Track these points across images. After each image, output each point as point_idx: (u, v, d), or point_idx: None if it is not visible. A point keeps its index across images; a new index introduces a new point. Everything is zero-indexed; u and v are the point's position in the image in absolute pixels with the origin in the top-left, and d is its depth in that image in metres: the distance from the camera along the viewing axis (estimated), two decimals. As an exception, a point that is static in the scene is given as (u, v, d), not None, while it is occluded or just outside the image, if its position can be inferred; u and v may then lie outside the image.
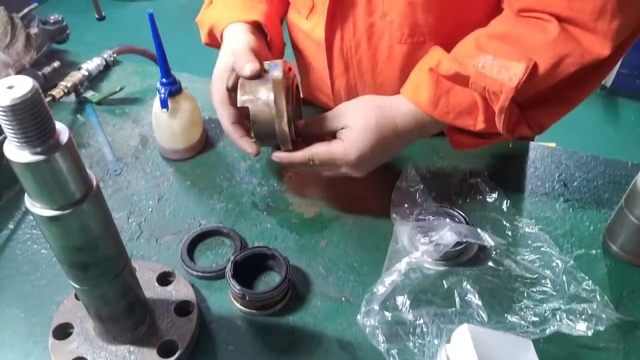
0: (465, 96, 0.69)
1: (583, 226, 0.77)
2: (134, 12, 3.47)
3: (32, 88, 0.40)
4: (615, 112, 2.64)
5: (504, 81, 0.64)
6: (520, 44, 0.66)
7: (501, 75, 0.64)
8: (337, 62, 0.86)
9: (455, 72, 0.68)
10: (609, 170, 0.85)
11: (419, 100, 0.70)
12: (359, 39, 0.81)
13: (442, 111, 0.70)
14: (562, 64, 0.64)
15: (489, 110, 0.68)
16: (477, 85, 0.66)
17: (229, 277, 0.65)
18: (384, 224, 0.76)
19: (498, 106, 0.66)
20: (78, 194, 0.46)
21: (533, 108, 0.70)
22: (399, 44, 0.79)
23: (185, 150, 0.87)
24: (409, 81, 0.73)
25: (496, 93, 0.65)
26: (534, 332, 0.63)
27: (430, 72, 0.70)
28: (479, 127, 0.70)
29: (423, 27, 0.77)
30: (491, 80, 0.65)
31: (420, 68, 0.73)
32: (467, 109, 0.69)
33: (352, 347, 0.63)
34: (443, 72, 0.69)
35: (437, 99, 0.69)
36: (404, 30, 0.77)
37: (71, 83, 0.97)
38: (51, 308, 0.66)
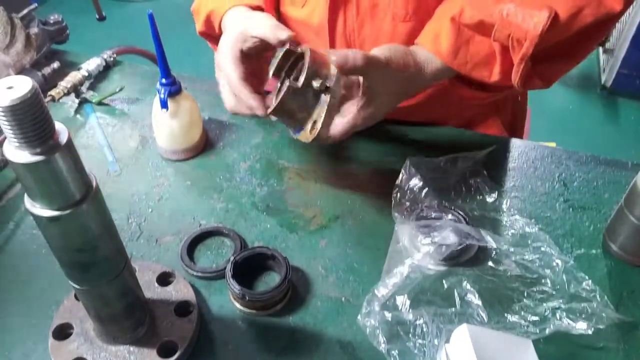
0: (484, 46, 0.69)
1: (583, 226, 0.77)
2: (134, 12, 3.47)
3: (31, 88, 0.40)
4: (615, 112, 2.64)
5: (528, 28, 0.64)
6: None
7: (526, 22, 0.65)
8: (340, 45, 0.85)
9: (479, 20, 0.67)
10: (609, 170, 0.85)
11: (440, 49, 0.70)
12: (362, 20, 0.81)
13: (461, 61, 0.70)
14: (580, 15, 0.66)
15: (505, 62, 0.69)
16: (501, 33, 0.66)
17: (229, 278, 0.65)
18: (384, 224, 0.76)
19: (521, 53, 0.66)
20: (78, 195, 0.46)
21: (544, 61, 0.71)
22: (402, 23, 0.79)
23: (185, 150, 0.87)
24: (426, 30, 0.73)
25: (520, 40, 0.66)
26: (534, 331, 0.63)
27: (452, 21, 0.69)
28: (494, 78, 0.70)
29: (428, 6, 0.77)
30: (516, 28, 0.65)
31: (440, 17, 0.72)
32: (485, 60, 0.70)
33: (352, 347, 0.63)
34: (466, 20, 0.68)
35: (457, 48, 0.69)
36: (409, 8, 0.77)
37: (71, 83, 0.97)
38: (51, 308, 0.66)
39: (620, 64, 2.54)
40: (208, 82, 1.03)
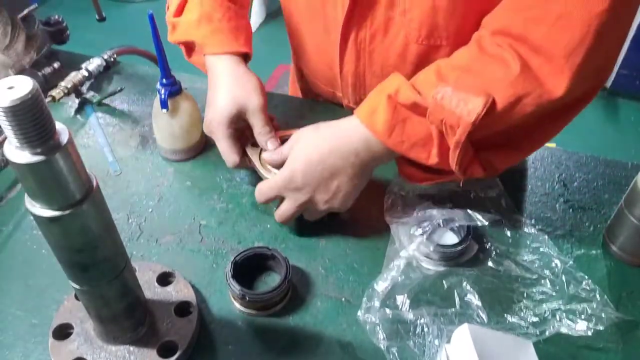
0: (422, 127, 0.66)
1: (583, 226, 0.77)
2: (134, 13, 3.47)
3: (32, 89, 0.40)
4: (615, 112, 2.64)
5: (462, 115, 0.62)
6: (481, 77, 0.64)
7: (459, 108, 0.62)
8: (350, 48, 0.85)
9: (413, 101, 0.65)
10: (608, 171, 0.85)
11: (374, 126, 0.67)
12: (375, 31, 0.80)
13: (396, 140, 0.67)
14: (520, 104, 0.62)
15: (443, 145, 0.66)
16: (435, 117, 0.64)
17: (229, 278, 0.65)
18: (384, 224, 0.76)
19: (454, 140, 0.64)
20: (78, 195, 0.46)
21: (487, 149, 0.68)
22: (415, 44, 0.78)
23: (186, 150, 0.87)
24: (364, 104, 0.70)
25: (453, 127, 0.63)
26: (533, 332, 0.63)
27: (389, 99, 0.67)
28: (431, 161, 0.67)
29: (442, 31, 0.76)
30: (449, 113, 0.63)
31: (378, 92, 0.70)
32: (422, 141, 0.67)
33: (352, 347, 0.63)
34: (401, 100, 0.66)
35: (392, 126, 0.67)
36: (422, 31, 0.77)
37: (71, 84, 0.97)
38: (51, 308, 0.66)
39: (620, 64, 2.54)
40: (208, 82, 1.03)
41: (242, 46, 0.82)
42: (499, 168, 0.71)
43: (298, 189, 0.71)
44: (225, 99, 0.77)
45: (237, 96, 0.77)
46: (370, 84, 0.87)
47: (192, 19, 0.82)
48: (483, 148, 0.68)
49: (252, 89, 0.78)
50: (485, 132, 0.65)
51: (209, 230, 0.77)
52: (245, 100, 0.77)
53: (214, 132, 0.78)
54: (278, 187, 0.72)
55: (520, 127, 0.67)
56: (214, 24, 0.81)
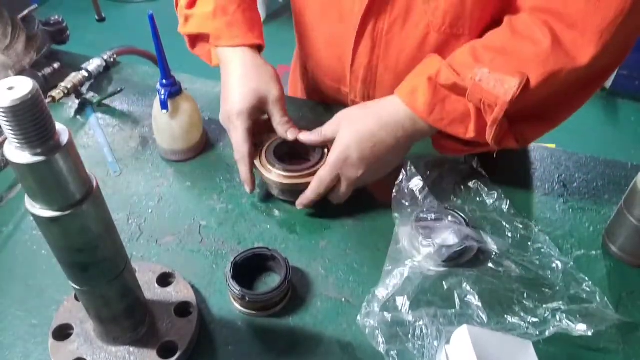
0: (460, 105, 0.71)
1: (583, 227, 0.77)
2: (134, 13, 3.47)
3: (32, 89, 0.40)
4: (615, 113, 2.65)
5: (499, 95, 0.67)
6: (514, 58, 0.69)
7: (497, 89, 0.67)
8: (365, 39, 0.85)
9: (453, 82, 0.70)
10: (608, 171, 0.85)
11: (415, 105, 0.72)
12: (394, 20, 0.81)
13: (436, 117, 0.72)
14: (552, 79, 0.67)
15: (480, 121, 0.71)
16: (474, 96, 0.69)
17: (229, 278, 0.65)
18: (384, 224, 0.76)
19: (492, 118, 0.68)
20: (78, 195, 0.46)
21: (520, 122, 0.73)
22: (436, 33, 0.79)
23: (186, 151, 0.87)
24: (405, 85, 0.75)
25: (491, 105, 0.68)
26: (533, 333, 0.63)
27: (429, 80, 0.71)
28: (469, 135, 0.72)
29: (466, 20, 0.77)
30: (487, 93, 0.67)
31: (419, 74, 0.74)
32: (460, 118, 0.72)
33: (352, 348, 0.63)
34: (442, 81, 0.71)
35: (433, 105, 0.71)
36: (447, 19, 0.77)
37: (71, 84, 0.97)
38: (51, 309, 0.66)
39: (619, 65, 2.54)
40: (208, 83, 1.03)
41: (257, 38, 0.83)
42: (530, 139, 0.76)
43: (354, 165, 0.73)
44: (244, 89, 0.78)
45: (257, 87, 0.78)
46: (382, 79, 0.88)
47: (207, 11, 0.84)
48: (516, 121, 0.72)
49: (271, 79, 0.80)
50: (519, 107, 0.69)
51: (209, 231, 0.77)
52: (265, 91, 0.78)
53: (233, 122, 0.78)
54: (335, 165, 0.73)
55: (549, 99, 0.72)
56: (229, 17, 0.83)
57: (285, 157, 0.80)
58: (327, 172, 0.74)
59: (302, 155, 0.82)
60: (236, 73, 0.80)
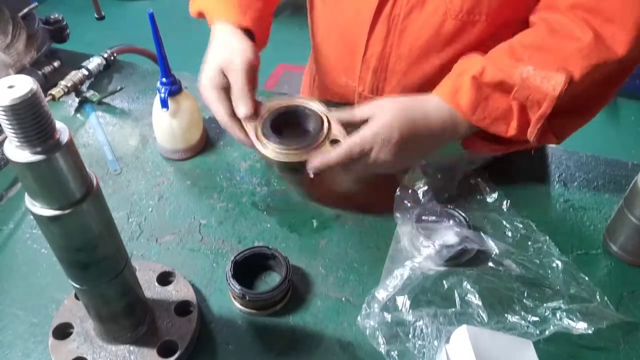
0: (502, 103, 0.71)
1: (583, 226, 0.77)
2: (134, 11, 3.47)
3: (32, 88, 0.40)
4: (616, 112, 2.64)
5: (547, 91, 0.67)
6: (555, 54, 0.70)
7: (544, 85, 0.68)
8: (380, 26, 0.84)
9: (500, 80, 0.70)
10: (609, 171, 0.85)
11: (459, 104, 0.72)
12: (412, 6, 0.81)
13: (479, 116, 0.72)
14: (594, 73, 0.68)
15: (522, 118, 0.71)
16: (521, 94, 0.69)
17: (229, 277, 0.65)
18: (384, 224, 0.76)
19: (538, 114, 0.69)
20: (78, 194, 0.46)
21: (558, 117, 0.73)
22: (452, 19, 0.79)
23: (186, 150, 0.87)
24: (445, 84, 0.74)
25: (539, 102, 0.69)
26: (534, 332, 0.63)
27: (473, 80, 0.71)
28: (510, 133, 0.72)
29: (484, 6, 0.77)
30: (535, 90, 0.68)
31: (460, 74, 0.73)
32: (502, 116, 0.72)
33: (353, 347, 0.63)
34: (487, 79, 0.71)
35: (476, 104, 0.71)
36: (465, 6, 0.78)
37: (71, 82, 0.96)
38: (51, 308, 0.66)
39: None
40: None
41: (247, 21, 0.81)
42: (568, 134, 0.77)
43: (390, 145, 0.70)
44: (210, 60, 0.77)
45: (222, 56, 0.76)
46: (393, 68, 0.88)
47: None
48: (555, 117, 0.72)
49: (239, 49, 0.76)
50: (564, 102, 0.69)
51: (209, 230, 0.77)
52: (227, 61, 0.76)
53: (203, 94, 0.77)
54: (372, 139, 0.70)
55: (587, 93, 0.73)
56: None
57: (282, 126, 0.77)
58: (359, 143, 0.70)
59: (298, 125, 0.79)
60: (210, 48, 0.79)
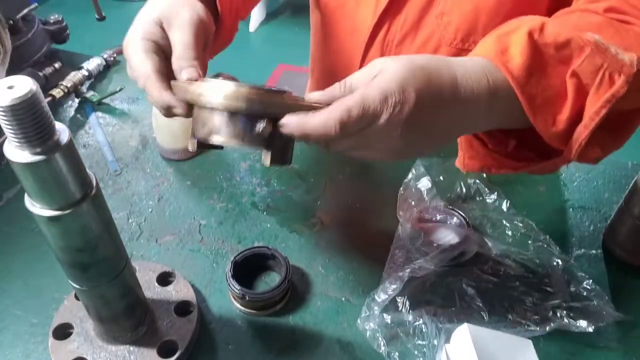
0: (558, 80, 0.52)
1: (583, 226, 0.77)
2: (134, 12, 3.43)
3: (31, 88, 0.40)
4: (615, 111, 2.64)
5: (624, 62, 0.49)
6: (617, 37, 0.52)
7: (620, 55, 0.50)
8: (374, 50, 0.83)
9: (567, 39, 0.51)
10: (609, 170, 0.85)
11: (509, 63, 0.50)
12: (405, 33, 0.79)
13: (532, 90, 0.51)
14: None
15: (577, 105, 0.52)
16: (592, 61, 0.50)
17: (229, 277, 0.65)
18: (385, 224, 0.76)
19: (610, 93, 0.50)
20: (78, 194, 0.46)
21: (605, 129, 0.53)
22: (447, 47, 0.77)
23: (185, 150, 0.87)
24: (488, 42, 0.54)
25: (612, 76, 0.50)
26: (534, 331, 0.63)
27: (529, 36, 0.51)
28: (557, 126, 0.52)
29: (478, 35, 0.74)
30: (612, 58, 0.50)
31: (507, 33, 0.53)
32: (555, 97, 0.52)
33: (353, 347, 0.63)
34: (548, 38, 0.51)
35: (531, 70, 0.51)
36: (458, 35, 0.75)
37: (71, 83, 0.97)
38: (51, 308, 0.66)
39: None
40: (208, 82, 1.03)
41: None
42: (607, 153, 0.57)
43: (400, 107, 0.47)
44: (145, 12, 0.64)
45: (161, 7, 0.62)
46: None
47: None
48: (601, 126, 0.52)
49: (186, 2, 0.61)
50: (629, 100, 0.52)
51: (209, 230, 0.77)
52: (169, 12, 0.60)
53: (130, 47, 0.61)
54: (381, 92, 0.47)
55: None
56: None
57: None
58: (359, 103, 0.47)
59: None
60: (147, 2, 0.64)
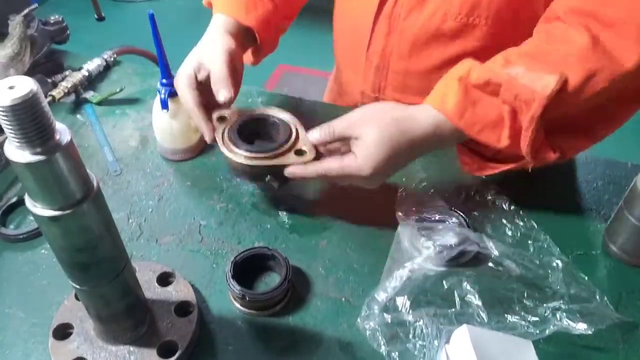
0: (493, 109, 0.67)
1: (583, 227, 0.77)
2: (134, 12, 3.47)
3: (32, 88, 0.40)
4: (615, 113, 2.65)
5: (536, 89, 0.62)
6: (550, 58, 0.65)
7: (534, 84, 0.63)
8: (382, 24, 0.86)
9: (487, 79, 0.66)
10: (608, 171, 0.85)
11: (446, 108, 0.67)
12: (412, 7, 0.82)
13: (468, 122, 0.67)
14: (593, 79, 0.63)
15: (515, 126, 0.66)
16: (509, 92, 0.64)
17: (229, 278, 0.65)
18: (385, 224, 0.76)
19: (529, 116, 0.64)
20: (78, 194, 0.46)
21: (559, 133, 0.68)
22: (452, 21, 0.80)
23: (185, 151, 0.87)
24: (434, 92, 0.70)
25: (528, 102, 0.63)
26: (534, 332, 0.63)
27: (460, 81, 0.68)
28: (502, 143, 0.67)
29: (483, 10, 0.77)
30: (523, 88, 0.63)
31: (448, 78, 0.70)
32: (493, 123, 0.67)
33: (352, 347, 0.63)
34: (473, 80, 0.67)
35: (464, 108, 0.67)
36: (464, 9, 0.78)
37: (71, 83, 0.97)
38: (51, 308, 0.66)
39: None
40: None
41: (249, 20, 0.81)
42: (570, 153, 0.71)
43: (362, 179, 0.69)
44: (192, 53, 0.78)
45: (203, 49, 0.77)
46: (395, 68, 0.89)
47: None
48: (555, 131, 0.68)
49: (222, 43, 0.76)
50: (559, 111, 0.65)
51: (209, 231, 0.77)
52: (207, 52, 0.76)
53: (177, 84, 0.76)
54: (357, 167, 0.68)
55: (593, 110, 0.68)
56: None
57: (249, 137, 0.76)
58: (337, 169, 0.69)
59: (267, 135, 0.78)
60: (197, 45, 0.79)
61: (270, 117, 0.77)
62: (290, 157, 0.72)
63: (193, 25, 0.92)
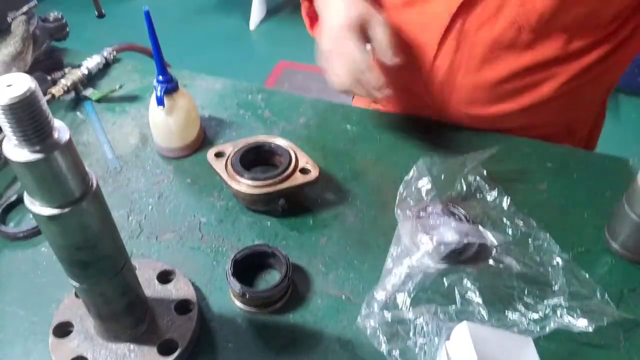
0: None
1: (584, 224, 0.77)
2: (134, 9, 3.46)
3: (30, 86, 0.40)
4: (616, 109, 2.64)
5: None
6: None
7: None
8: (450, 41, 0.83)
9: None
10: (609, 168, 0.85)
11: None
12: (483, 22, 0.79)
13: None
14: None
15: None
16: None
17: (229, 276, 0.65)
18: (385, 222, 0.76)
19: None
20: (77, 193, 0.46)
21: None
22: (528, 33, 0.77)
23: (182, 148, 0.87)
24: None
25: None
26: (534, 329, 0.63)
27: None
28: None
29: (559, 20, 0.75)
30: None
31: None
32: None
33: (353, 345, 0.63)
34: None
35: None
36: (542, 20, 0.75)
37: (71, 81, 0.96)
38: (51, 306, 0.66)
39: (620, 61, 2.53)
40: (209, 79, 1.03)
41: None
42: None
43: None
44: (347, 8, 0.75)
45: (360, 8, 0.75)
46: (462, 82, 0.86)
47: None
48: None
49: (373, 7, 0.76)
50: None
51: (209, 228, 0.77)
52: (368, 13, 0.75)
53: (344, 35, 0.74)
54: None
55: None
56: None
57: (251, 164, 0.80)
58: None
59: (265, 161, 0.82)
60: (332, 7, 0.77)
61: (266, 144, 0.80)
62: (298, 177, 0.75)
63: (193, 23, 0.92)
